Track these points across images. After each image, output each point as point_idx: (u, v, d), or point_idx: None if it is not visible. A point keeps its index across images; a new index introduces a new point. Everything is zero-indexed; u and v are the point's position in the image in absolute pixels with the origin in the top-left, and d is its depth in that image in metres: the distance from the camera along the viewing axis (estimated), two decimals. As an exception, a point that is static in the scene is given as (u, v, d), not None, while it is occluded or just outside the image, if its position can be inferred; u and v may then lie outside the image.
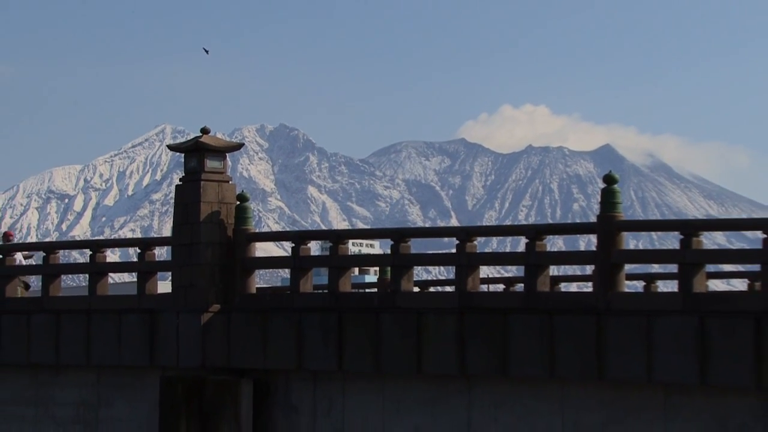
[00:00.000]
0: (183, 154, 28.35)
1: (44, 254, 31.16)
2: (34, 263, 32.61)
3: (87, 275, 30.34)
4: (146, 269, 29.14)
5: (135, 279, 29.58)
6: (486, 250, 26.13)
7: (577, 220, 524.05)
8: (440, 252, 27.00)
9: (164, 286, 29.69)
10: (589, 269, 29.73)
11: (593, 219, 24.23)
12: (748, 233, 24.85)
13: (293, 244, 27.36)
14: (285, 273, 28.22)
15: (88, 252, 30.36)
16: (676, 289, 23.21)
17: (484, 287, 29.19)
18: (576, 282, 37.94)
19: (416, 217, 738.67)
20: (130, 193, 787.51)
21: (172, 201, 28.66)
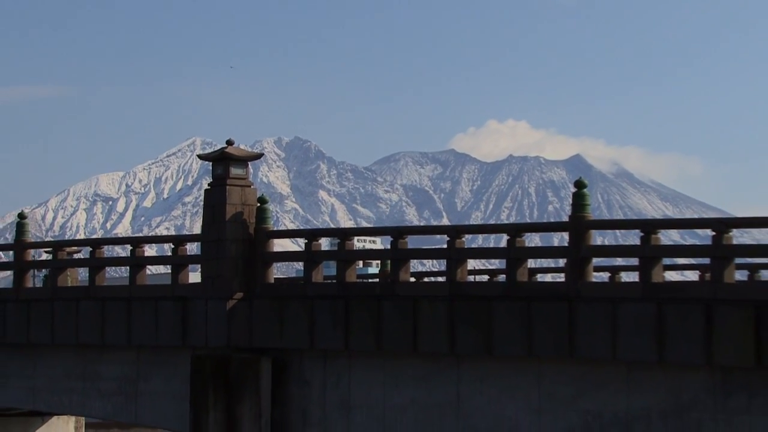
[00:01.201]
0: (211, 163, 28.34)
1: (91, 249, 31.20)
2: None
3: (128, 267, 30.37)
4: (179, 262, 29.15)
5: (169, 271, 29.59)
6: (473, 246, 25.89)
7: (552, 220, 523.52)
8: (433, 247, 26.94)
9: (195, 276, 29.68)
10: (562, 262, 29.73)
11: (565, 219, 24.21)
12: (700, 231, 24.84)
13: (306, 241, 27.35)
14: (299, 265, 28.20)
15: (129, 247, 30.38)
16: (637, 279, 23.20)
17: (471, 278, 29.17)
18: (551, 273, 37.91)
19: (412, 217, 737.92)
20: (165, 196, 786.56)
21: (202, 203, 28.65)
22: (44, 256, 35.41)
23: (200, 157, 29.43)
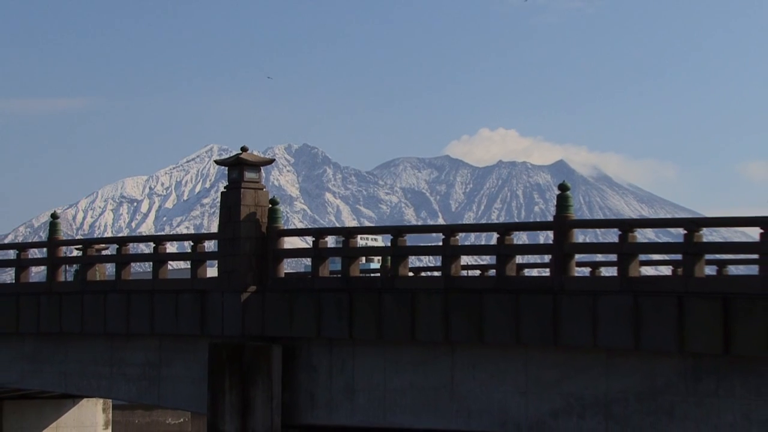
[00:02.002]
0: (227, 168, 28.34)
1: (117, 246, 31.21)
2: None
3: (151, 263, 30.36)
4: (198, 258, 29.14)
5: (189, 266, 29.59)
6: (466, 243, 25.86)
7: (538, 220, 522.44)
8: (430, 245, 26.93)
9: (212, 271, 29.67)
10: (547, 258, 29.74)
11: (550, 219, 24.21)
12: (673, 230, 24.85)
13: (314, 238, 27.35)
14: (307, 261, 28.22)
15: (152, 245, 30.38)
16: (615, 274, 23.21)
17: (464, 272, 29.16)
18: (537, 268, 37.84)
19: (411, 217, 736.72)
20: (185, 198, 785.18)
21: (219, 204, 28.66)
22: (75, 253, 35.40)
23: (217, 162, 29.42)
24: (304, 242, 32.16)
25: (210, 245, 29.91)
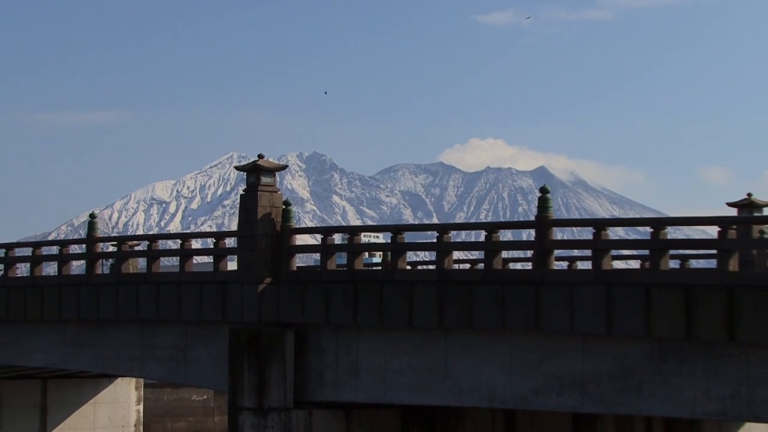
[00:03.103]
0: (245, 173, 28.32)
1: (148, 243, 31.19)
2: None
3: (178, 257, 30.34)
4: (220, 253, 29.11)
5: (212, 260, 29.57)
6: (457, 240, 25.88)
7: (521, 219, 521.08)
8: (425, 241, 26.92)
9: (232, 265, 29.66)
10: (529, 253, 29.70)
11: (533, 218, 24.20)
12: (640, 228, 24.83)
13: (322, 236, 27.34)
14: (317, 256, 28.19)
15: (179, 241, 30.35)
16: (590, 267, 23.19)
17: (456, 266, 29.15)
18: (521, 262, 37.82)
19: (408, 217, 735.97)
20: (208, 200, 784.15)
21: (238, 205, 28.64)
22: (111, 249, 35.41)
23: (237, 168, 29.38)
24: (314, 239, 32.10)
25: (230, 242, 29.89)
